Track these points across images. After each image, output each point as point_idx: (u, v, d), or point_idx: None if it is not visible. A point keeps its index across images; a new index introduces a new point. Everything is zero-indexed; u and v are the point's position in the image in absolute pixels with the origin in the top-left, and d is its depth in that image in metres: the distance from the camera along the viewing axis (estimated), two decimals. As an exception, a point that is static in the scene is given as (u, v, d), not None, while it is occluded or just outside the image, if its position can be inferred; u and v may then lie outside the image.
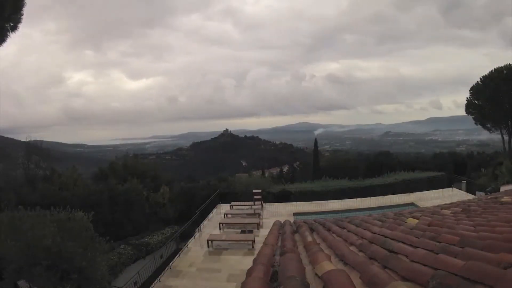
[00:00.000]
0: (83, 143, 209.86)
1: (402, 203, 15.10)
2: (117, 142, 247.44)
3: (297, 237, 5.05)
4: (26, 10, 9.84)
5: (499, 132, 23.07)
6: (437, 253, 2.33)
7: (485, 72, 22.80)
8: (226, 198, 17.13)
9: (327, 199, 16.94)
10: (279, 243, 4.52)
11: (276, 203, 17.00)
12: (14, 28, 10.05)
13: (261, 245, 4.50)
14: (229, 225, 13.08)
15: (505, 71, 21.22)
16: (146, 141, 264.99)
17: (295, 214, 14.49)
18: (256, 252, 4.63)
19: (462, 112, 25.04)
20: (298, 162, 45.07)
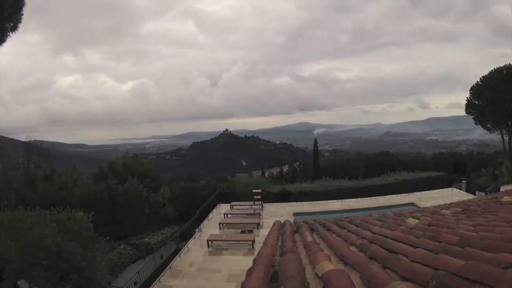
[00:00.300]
0: (83, 143, 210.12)
1: (402, 203, 15.11)
2: (117, 142, 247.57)
3: (297, 237, 5.05)
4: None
5: (499, 132, 23.07)
6: (437, 253, 2.33)
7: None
8: (226, 198, 17.13)
9: (327, 199, 16.93)
10: (279, 243, 4.52)
11: (276, 203, 17.01)
12: (14, 28, 10.02)
13: (261, 245, 4.50)
14: (229, 225, 13.08)
15: (505, 71, 21.23)
16: (146, 141, 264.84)
17: (295, 214, 14.49)
18: (256, 252, 4.62)
19: (460, 112, 25.06)
20: (298, 162, 45.05)
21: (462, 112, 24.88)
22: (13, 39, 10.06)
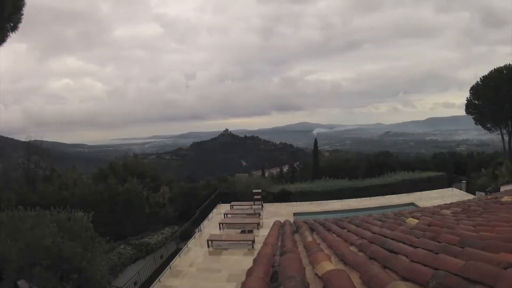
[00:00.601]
0: (83, 143, 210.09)
1: (402, 203, 15.12)
2: (117, 142, 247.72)
3: (297, 237, 5.05)
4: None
5: (499, 132, 23.07)
6: (437, 253, 2.33)
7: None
8: (226, 198, 17.14)
9: (327, 199, 16.94)
10: (279, 243, 4.52)
11: (276, 203, 17.01)
12: (14, 28, 10.02)
13: (261, 245, 4.50)
14: (229, 225, 13.08)
15: (505, 71, 21.23)
16: (146, 141, 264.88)
17: (295, 214, 14.50)
18: (256, 252, 4.62)
19: (459, 112, 25.10)
20: (298, 162, 44.99)
21: (459, 112, 25.02)
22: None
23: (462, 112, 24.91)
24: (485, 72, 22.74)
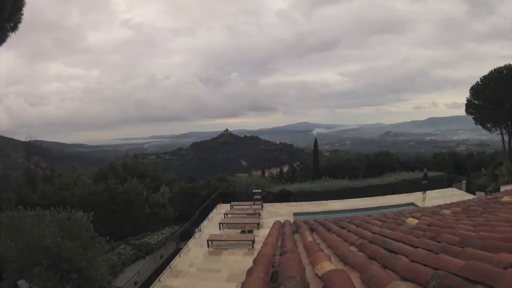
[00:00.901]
0: (83, 143, 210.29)
1: (402, 203, 15.11)
2: (117, 142, 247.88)
3: (297, 237, 5.05)
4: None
5: (499, 132, 23.08)
6: (437, 253, 2.33)
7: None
8: (226, 198, 17.14)
9: (327, 199, 16.95)
10: (279, 243, 4.52)
11: (276, 203, 17.01)
12: (14, 28, 10.03)
13: (261, 245, 4.49)
14: (229, 225, 13.08)
15: (505, 71, 21.24)
16: (146, 141, 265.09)
17: (295, 214, 14.49)
18: (256, 252, 4.62)
19: (460, 112, 25.12)
20: (298, 162, 44.93)
21: (460, 112, 24.97)
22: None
23: (459, 112, 25.01)
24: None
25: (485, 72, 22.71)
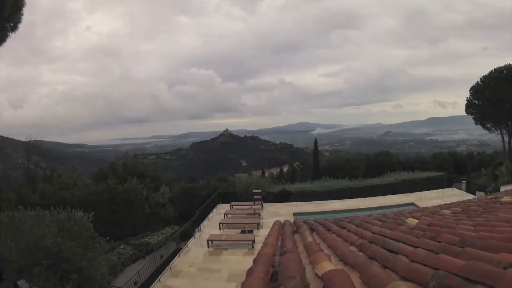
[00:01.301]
0: (83, 143, 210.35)
1: (402, 203, 15.11)
2: (117, 142, 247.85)
3: (297, 237, 5.05)
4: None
5: (499, 132, 23.08)
6: (437, 253, 2.33)
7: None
8: (226, 198, 17.14)
9: (327, 199, 16.95)
10: (279, 243, 4.52)
11: (276, 203, 17.01)
12: (14, 28, 10.02)
13: (261, 245, 4.49)
14: (229, 225, 13.08)
15: (505, 71, 21.24)
16: (146, 141, 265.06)
17: (295, 214, 14.50)
18: (256, 252, 4.63)
19: (460, 112, 25.10)
20: (298, 162, 44.90)
21: (459, 112, 24.94)
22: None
23: (459, 112, 24.96)
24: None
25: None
